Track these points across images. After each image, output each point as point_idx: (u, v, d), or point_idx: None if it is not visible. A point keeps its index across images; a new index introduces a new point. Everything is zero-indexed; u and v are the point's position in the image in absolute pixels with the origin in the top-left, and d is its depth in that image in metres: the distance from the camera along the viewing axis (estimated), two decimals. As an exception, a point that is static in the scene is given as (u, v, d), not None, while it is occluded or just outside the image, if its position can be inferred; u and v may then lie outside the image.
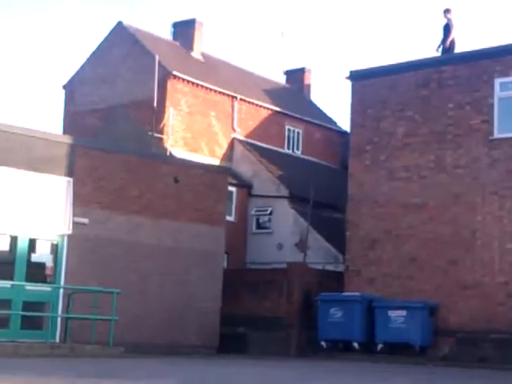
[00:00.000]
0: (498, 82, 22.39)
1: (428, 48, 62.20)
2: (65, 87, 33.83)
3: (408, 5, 68.50)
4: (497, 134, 22.23)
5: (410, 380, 15.52)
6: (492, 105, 22.37)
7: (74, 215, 20.73)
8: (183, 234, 22.91)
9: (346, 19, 70.08)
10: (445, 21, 24.35)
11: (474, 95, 22.68)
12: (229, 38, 65.06)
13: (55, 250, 20.66)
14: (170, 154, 28.65)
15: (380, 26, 70.04)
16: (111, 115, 31.19)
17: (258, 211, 30.48)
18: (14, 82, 65.92)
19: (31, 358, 17.05)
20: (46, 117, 64.03)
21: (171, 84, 30.39)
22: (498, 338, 20.68)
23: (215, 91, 31.87)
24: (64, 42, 67.40)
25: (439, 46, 24.25)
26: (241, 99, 32.67)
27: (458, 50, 24.37)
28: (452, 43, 24.30)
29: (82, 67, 33.31)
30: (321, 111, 38.66)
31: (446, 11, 24.42)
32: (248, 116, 32.95)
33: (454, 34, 24.27)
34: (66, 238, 20.68)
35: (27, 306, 19.72)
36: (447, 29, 24.28)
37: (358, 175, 24.48)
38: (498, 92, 22.35)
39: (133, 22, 33.65)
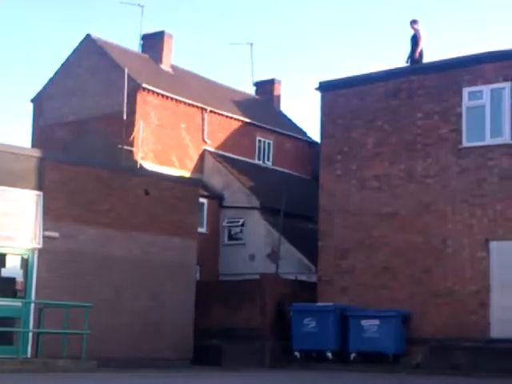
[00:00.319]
0: (466, 91, 22.55)
1: (398, 58, 62.63)
2: (33, 101, 33.61)
3: (377, 15, 68.95)
4: (465, 143, 22.39)
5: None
6: (460, 114, 22.53)
7: (45, 229, 20.58)
8: (155, 246, 22.82)
9: (314, 30, 70.43)
10: (412, 32, 24.52)
11: (443, 104, 22.84)
12: (198, 50, 65.11)
13: (25, 264, 20.47)
14: (141, 166, 28.55)
15: (349, 37, 70.45)
16: (81, 128, 31.04)
17: (230, 222, 30.45)
18: (-18, 97, 65.36)
19: (2, 374, 16.85)
20: (14, 131, 63.58)
21: (141, 96, 30.31)
22: (470, 346, 20.76)
23: (185, 103, 31.83)
24: (32, 55, 67.05)
25: (408, 58, 24.41)
26: (211, 111, 32.65)
27: (426, 59, 24.54)
28: (420, 54, 24.46)
29: (51, 80, 33.12)
30: (291, 122, 38.75)
31: (413, 22, 24.58)
32: (218, 128, 32.94)
33: (422, 45, 24.43)
34: (36, 252, 20.50)
35: (-2, 321, 19.51)
36: (415, 40, 24.44)
37: (329, 185, 24.54)
38: (466, 101, 22.51)
39: (101, 34, 33.45)
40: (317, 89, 25.41)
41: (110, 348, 21.00)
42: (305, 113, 62.36)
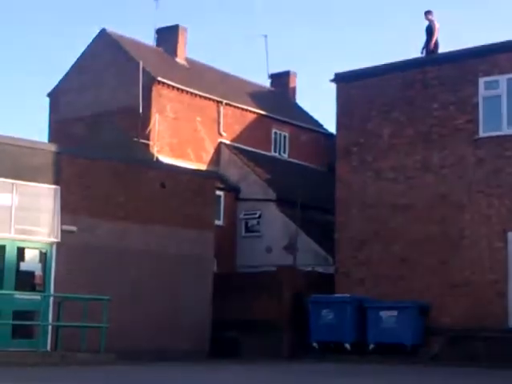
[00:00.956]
0: (482, 81, 22.48)
1: (413, 49, 62.43)
2: (49, 95, 33.74)
3: (393, 6, 68.69)
4: (482, 134, 22.32)
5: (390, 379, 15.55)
6: (476, 104, 22.46)
7: (62, 223, 20.69)
8: (172, 239, 22.89)
9: (330, 22, 70.25)
10: (427, 23, 24.45)
11: (459, 95, 22.78)
12: (212, 43, 65.08)
13: (44, 258, 20.61)
14: (157, 159, 28.61)
15: (365, 28, 70.27)
16: (97, 123, 31.12)
17: (247, 215, 30.47)
18: (-2, 92, 65.67)
19: (22, 367, 16.98)
20: (31, 126, 63.88)
21: (156, 90, 30.36)
22: (488, 336, 20.73)
23: (200, 96, 31.85)
24: (48, 50, 67.28)
25: (423, 48, 24.34)
26: (226, 104, 32.66)
27: (442, 50, 24.45)
28: (436, 44, 24.39)
29: (67, 75, 33.23)
30: (307, 114, 38.70)
31: (428, 13, 24.51)
32: (234, 120, 32.95)
33: (436, 36, 24.35)
34: (54, 246, 20.63)
35: (17, 315, 19.66)
36: (430, 31, 24.37)
37: (345, 177, 24.53)
38: (482, 91, 22.44)
39: (116, 28, 33.51)
40: (332, 80, 25.37)
41: (128, 341, 21.10)
42: (320, 105, 62.25)
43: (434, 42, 24.23)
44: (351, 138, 24.60)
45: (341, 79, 25.16)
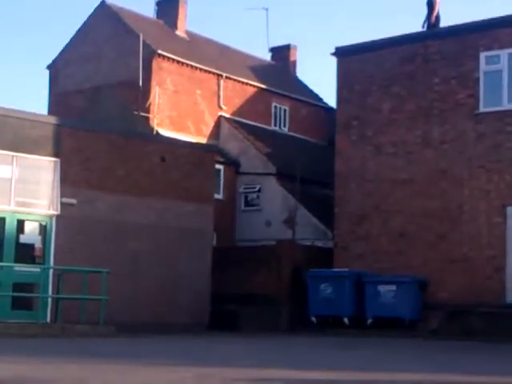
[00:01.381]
0: (483, 55, 22.43)
1: (414, 23, 62.21)
2: (49, 67, 33.62)
3: (392, -20, 68.28)
4: (482, 108, 22.31)
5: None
6: (477, 79, 22.41)
7: (62, 196, 20.71)
8: (171, 212, 22.92)
9: (330, -5, 69.85)
10: None
11: (460, 69, 22.73)
12: (213, 16, 64.77)
13: (44, 230, 20.65)
14: (157, 133, 28.57)
15: (365, 2, 69.90)
16: (97, 95, 31.03)
17: (247, 189, 30.47)
18: (-2, 64, 65.47)
19: (22, 339, 17.07)
20: (31, 98, 63.72)
21: (156, 63, 30.26)
22: (486, 311, 20.82)
23: (201, 69, 31.74)
24: (47, 21, 66.97)
25: (425, 22, 24.27)
26: (226, 77, 32.56)
27: (443, 24, 24.39)
28: (437, 18, 24.30)
29: (66, 47, 33.09)
30: (307, 88, 38.59)
31: None
32: (234, 94, 32.87)
33: (437, 9, 24.27)
34: (54, 219, 20.66)
35: (17, 286, 19.73)
36: (431, 4, 24.28)
37: (345, 151, 24.53)
38: (483, 66, 22.39)
39: (116, 0, 33.35)
40: (333, 54, 25.31)
41: (128, 313, 21.20)
42: (321, 78, 62.09)
43: (434, 15, 24.15)
44: (351, 112, 24.57)
45: (341, 53, 25.10)
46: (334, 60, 25.26)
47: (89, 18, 32.64)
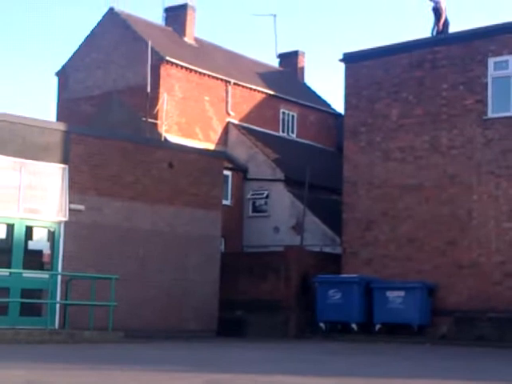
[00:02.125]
0: (491, 61, 22.41)
1: (422, 29, 62.17)
2: (58, 74, 33.72)
3: (400, -14, 68.31)
4: (491, 114, 22.28)
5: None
6: (486, 84, 22.39)
7: (70, 202, 20.73)
8: (179, 218, 22.93)
9: (338, 0, 69.92)
10: (431, 4, 24.37)
11: (468, 75, 22.71)
12: (221, 23, 64.90)
13: (52, 237, 20.66)
14: (165, 139, 28.59)
15: (373, 8, 69.90)
16: (105, 102, 31.10)
17: (254, 195, 30.47)
18: (6, 70, 65.71)
19: (30, 345, 17.08)
20: (40, 104, 63.90)
21: (164, 69, 30.30)
22: (495, 316, 20.77)
23: (209, 76, 31.78)
24: (56, 28, 67.18)
25: (433, 29, 24.27)
26: (234, 83, 32.59)
27: (452, 30, 24.37)
28: (445, 24, 24.28)
29: (75, 54, 33.18)
30: (315, 94, 38.60)
31: None
32: (242, 100, 32.89)
33: (444, 15, 24.24)
34: (62, 225, 20.68)
35: (26, 293, 19.75)
36: (437, 11, 24.27)
37: (353, 157, 24.52)
38: (491, 71, 22.38)
39: (125, 7, 33.44)
40: (341, 60, 25.32)
41: (136, 320, 21.20)
42: (329, 85, 62.12)
43: (442, 22, 24.13)
44: (359, 118, 24.56)
45: (349, 59, 25.10)
46: (342, 66, 25.30)
47: (97, 25, 32.73)
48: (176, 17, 34.24)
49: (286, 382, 10.44)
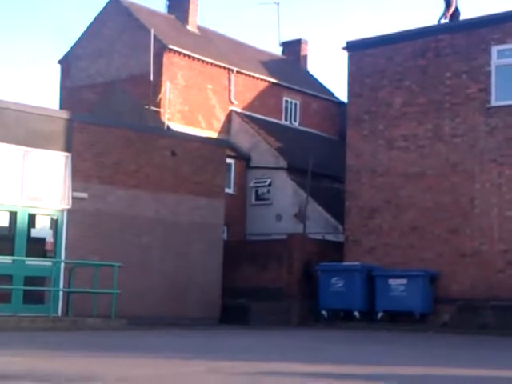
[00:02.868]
0: (495, 49, 22.37)
1: (426, 17, 62.02)
2: (61, 62, 33.70)
3: (404, -26, 68.10)
4: (494, 102, 22.25)
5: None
6: (489, 73, 22.36)
7: (73, 190, 20.75)
8: (182, 206, 22.95)
9: (341, -10, 69.73)
10: None
11: (471, 63, 22.66)
12: (224, 10, 64.77)
13: (55, 224, 20.70)
14: (168, 127, 28.60)
15: (376, -4, 69.72)
16: (108, 90, 31.07)
17: (257, 183, 30.49)
18: (9, 58, 65.69)
19: (33, 332, 17.14)
20: (42, 92, 63.89)
21: (167, 58, 30.28)
22: (497, 305, 20.80)
23: (211, 64, 31.75)
24: (59, 16, 67.09)
25: (441, 18, 24.18)
26: (237, 71, 32.56)
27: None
28: (455, 13, 24.10)
29: (78, 42, 33.16)
30: (318, 82, 38.55)
31: None
32: (245, 88, 32.86)
33: (455, 6, 24.11)
34: (65, 213, 20.71)
35: (28, 280, 19.80)
36: (449, 1, 24.16)
37: (356, 145, 24.51)
38: (495, 60, 22.33)
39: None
40: (344, 48, 25.28)
41: (139, 307, 21.25)
42: (332, 73, 62.01)
43: (450, 12, 24.01)
44: (362, 106, 24.54)
45: (352, 47, 25.06)
46: (345, 54, 25.25)
47: (100, 13, 32.69)
48: (179, 5, 34.18)
49: (288, 370, 10.47)
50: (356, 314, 22.27)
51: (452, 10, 24.09)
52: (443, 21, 24.17)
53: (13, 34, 65.73)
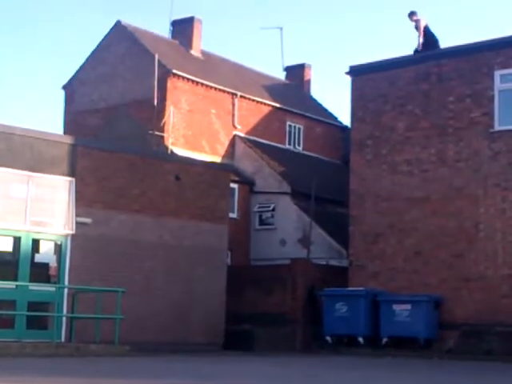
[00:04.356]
0: (498, 74, 22.38)
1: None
2: (65, 87, 33.81)
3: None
4: (497, 127, 22.23)
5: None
6: (492, 97, 22.36)
7: (77, 215, 20.74)
8: (186, 231, 22.93)
9: (344, 14, 70.05)
10: (413, 24, 24.37)
11: (475, 88, 22.68)
12: (227, 35, 65.05)
13: (59, 250, 20.67)
14: (172, 152, 28.63)
15: (379, 21, 69.99)
16: (112, 114, 31.16)
17: (261, 207, 30.46)
18: (14, 84, 65.93)
19: (36, 358, 17.07)
20: (47, 117, 64.06)
21: (171, 82, 30.36)
22: (502, 330, 20.67)
23: (215, 89, 31.83)
24: (63, 42, 67.41)
25: (416, 50, 24.23)
26: (241, 96, 32.63)
27: (458, 43, 24.37)
28: (433, 42, 24.01)
29: (82, 67, 33.29)
30: (321, 107, 38.62)
31: (411, 14, 24.42)
32: (249, 113, 32.93)
33: (422, 35, 24.07)
34: (69, 238, 20.69)
35: (32, 306, 19.76)
36: (418, 29, 24.21)
37: (359, 170, 24.49)
38: (498, 84, 22.35)
39: (131, 21, 33.58)
40: (347, 73, 25.32)
41: (142, 333, 21.17)
42: (335, 97, 62.14)
43: (421, 41, 24.04)
44: (366, 130, 24.55)
45: (355, 72, 25.11)
46: (348, 79, 25.30)
47: (104, 38, 32.83)
48: (183, 30, 34.32)
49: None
50: (360, 339, 22.15)
51: (421, 39, 24.04)
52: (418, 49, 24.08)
53: (17, 60, 66.03)
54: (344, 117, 38.06)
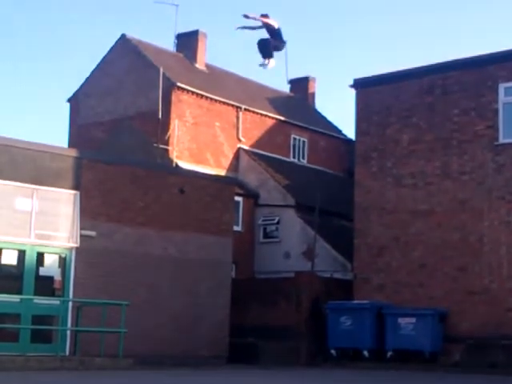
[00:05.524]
0: (502, 87, 22.41)
1: (433, 54, 62.27)
2: (69, 100, 33.90)
3: (411, 10, 68.53)
4: (502, 140, 22.23)
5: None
6: (497, 110, 22.37)
7: (82, 228, 20.75)
8: (190, 244, 22.91)
9: (348, 26, 70.19)
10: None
11: (479, 101, 22.69)
12: (232, 48, 65.15)
13: (63, 263, 20.67)
14: (176, 165, 28.66)
15: (383, 33, 70.13)
16: (116, 127, 31.23)
17: (265, 220, 30.47)
18: (19, 97, 66.10)
19: (41, 372, 17.04)
20: (51, 131, 64.19)
21: (176, 95, 30.43)
22: (508, 343, 20.62)
23: (220, 102, 31.90)
24: (68, 55, 67.60)
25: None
26: (245, 109, 32.69)
27: (463, 55, 24.39)
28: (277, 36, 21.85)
29: (87, 80, 33.39)
30: (326, 119, 38.67)
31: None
32: (253, 126, 32.97)
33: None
34: (73, 251, 20.69)
35: (36, 319, 19.72)
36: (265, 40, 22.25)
37: (364, 182, 24.49)
38: (502, 97, 22.37)
39: (136, 34, 33.65)
40: (351, 86, 25.36)
41: (147, 346, 21.13)
42: (339, 110, 62.21)
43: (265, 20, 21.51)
44: (370, 143, 24.56)
45: (360, 85, 25.14)
46: (352, 92, 25.33)
47: (109, 52, 32.93)
48: (187, 43, 34.42)
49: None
50: (365, 353, 22.09)
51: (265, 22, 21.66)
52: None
53: (22, 73, 66.20)
54: (348, 129, 38.11)
